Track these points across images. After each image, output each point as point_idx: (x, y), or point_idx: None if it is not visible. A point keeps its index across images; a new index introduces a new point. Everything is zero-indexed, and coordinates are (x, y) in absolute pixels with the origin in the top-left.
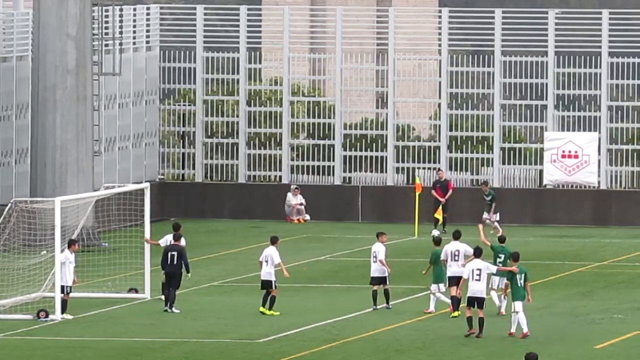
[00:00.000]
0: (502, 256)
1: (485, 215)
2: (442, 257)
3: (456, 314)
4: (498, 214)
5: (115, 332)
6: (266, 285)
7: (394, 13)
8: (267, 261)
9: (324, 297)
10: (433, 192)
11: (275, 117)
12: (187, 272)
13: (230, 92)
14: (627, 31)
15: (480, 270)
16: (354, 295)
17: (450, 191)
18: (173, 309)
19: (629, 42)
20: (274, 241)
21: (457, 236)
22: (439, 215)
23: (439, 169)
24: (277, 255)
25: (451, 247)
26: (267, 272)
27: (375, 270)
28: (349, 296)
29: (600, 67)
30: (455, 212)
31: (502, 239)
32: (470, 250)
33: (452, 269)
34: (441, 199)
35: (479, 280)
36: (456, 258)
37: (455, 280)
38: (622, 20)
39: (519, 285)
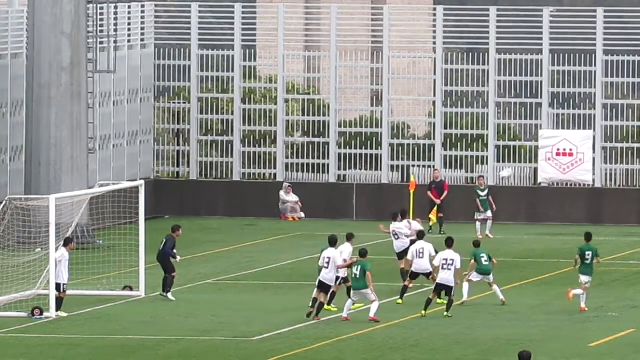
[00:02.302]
0: (484, 255)
1: (481, 215)
2: (409, 256)
3: (400, 301)
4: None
5: (110, 329)
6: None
7: (389, 11)
8: (327, 264)
9: None
10: (429, 192)
11: (270, 114)
12: (174, 258)
13: (225, 90)
14: (621, 29)
15: (329, 258)
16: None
17: (446, 192)
18: (169, 295)
19: (624, 40)
20: (332, 242)
21: (421, 236)
22: (433, 216)
23: (435, 169)
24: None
25: (416, 246)
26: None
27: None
28: (342, 294)
29: (595, 65)
30: (450, 211)
31: (477, 244)
32: (433, 251)
33: (416, 266)
34: (436, 200)
35: (327, 268)
36: (421, 255)
37: (416, 275)
38: (616, 18)
39: None
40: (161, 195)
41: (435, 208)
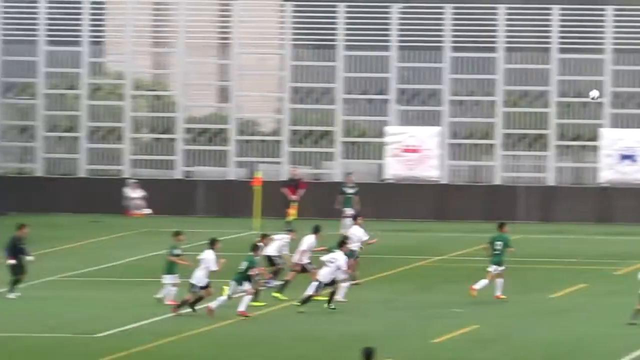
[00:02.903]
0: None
1: (350, 211)
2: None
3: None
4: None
5: None
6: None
7: (237, 8)
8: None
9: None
10: (285, 189)
11: (118, 111)
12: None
13: (72, 86)
14: (470, 25)
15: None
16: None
17: (303, 190)
18: (10, 295)
19: (472, 37)
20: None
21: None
22: (293, 210)
23: (294, 167)
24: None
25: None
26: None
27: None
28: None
29: (443, 61)
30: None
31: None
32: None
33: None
34: (293, 197)
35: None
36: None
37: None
38: (465, 15)
39: None
40: (6, 191)
41: (293, 204)
